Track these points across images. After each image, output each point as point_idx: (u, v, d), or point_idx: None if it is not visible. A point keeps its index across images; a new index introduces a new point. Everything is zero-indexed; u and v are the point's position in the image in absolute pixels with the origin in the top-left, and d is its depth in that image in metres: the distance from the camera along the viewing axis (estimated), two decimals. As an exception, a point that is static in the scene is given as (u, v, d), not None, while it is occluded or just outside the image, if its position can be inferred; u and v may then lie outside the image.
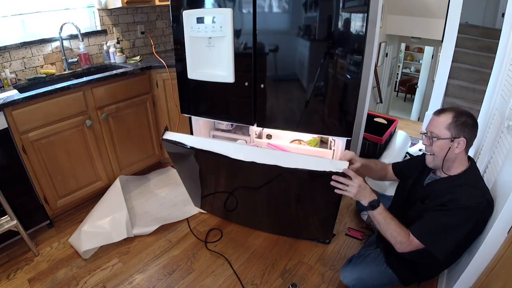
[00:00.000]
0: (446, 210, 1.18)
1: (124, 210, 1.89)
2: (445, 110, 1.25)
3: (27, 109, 1.68)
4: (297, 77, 1.65)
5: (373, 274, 1.42)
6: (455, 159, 1.25)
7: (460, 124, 1.20)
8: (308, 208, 1.61)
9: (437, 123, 1.25)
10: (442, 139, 1.23)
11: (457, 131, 1.20)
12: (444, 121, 1.22)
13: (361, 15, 1.39)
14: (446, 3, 3.20)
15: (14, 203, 1.66)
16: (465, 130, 1.20)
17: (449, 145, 1.22)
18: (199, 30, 1.65)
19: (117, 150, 2.21)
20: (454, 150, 1.22)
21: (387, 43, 4.79)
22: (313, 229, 1.74)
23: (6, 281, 1.60)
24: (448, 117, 1.22)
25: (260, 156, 1.36)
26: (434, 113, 1.29)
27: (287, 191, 1.54)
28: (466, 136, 1.20)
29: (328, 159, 1.31)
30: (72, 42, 2.29)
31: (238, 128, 2.16)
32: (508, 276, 1.00)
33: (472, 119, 1.22)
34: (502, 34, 1.96)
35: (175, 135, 1.56)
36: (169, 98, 2.34)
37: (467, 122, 1.20)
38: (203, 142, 1.49)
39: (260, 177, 1.49)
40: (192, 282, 1.61)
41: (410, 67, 8.74)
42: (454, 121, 1.21)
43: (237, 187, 1.67)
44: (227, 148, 1.42)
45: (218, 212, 2.00)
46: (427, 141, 1.29)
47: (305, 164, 1.28)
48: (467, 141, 1.21)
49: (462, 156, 1.25)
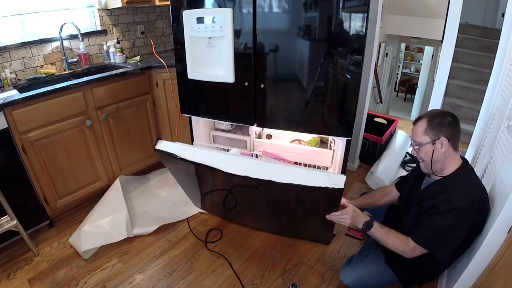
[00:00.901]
0: (439, 212, 1.20)
1: (124, 210, 1.89)
2: (420, 117, 1.30)
3: (27, 109, 1.68)
4: (297, 77, 1.65)
5: (373, 274, 1.42)
6: (445, 160, 1.26)
7: (436, 126, 1.23)
8: (308, 213, 1.59)
9: (415, 131, 1.30)
10: (424, 144, 1.26)
11: (434, 133, 1.24)
12: (420, 128, 1.27)
13: (361, 15, 1.39)
14: (446, 3, 3.19)
15: (14, 203, 1.66)
16: (443, 129, 1.22)
17: (432, 148, 1.25)
18: (199, 30, 1.65)
19: (117, 150, 2.21)
20: (439, 151, 1.24)
21: (387, 43, 4.79)
22: (313, 230, 1.74)
23: (6, 281, 1.60)
24: (423, 123, 1.26)
25: (253, 169, 1.32)
26: (413, 123, 1.33)
27: (285, 198, 1.51)
28: (446, 134, 1.22)
29: (324, 172, 1.26)
30: (72, 42, 2.29)
31: (238, 128, 2.16)
32: (508, 276, 1.00)
33: (448, 117, 1.24)
34: (502, 34, 1.96)
35: (167, 144, 1.52)
36: (169, 98, 2.34)
37: (442, 121, 1.23)
38: (195, 153, 1.45)
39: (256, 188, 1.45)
40: (192, 282, 1.61)
41: (410, 67, 8.74)
42: (429, 125, 1.24)
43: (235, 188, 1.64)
44: (220, 161, 1.38)
45: (218, 212, 2.00)
46: (414, 150, 1.33)
47: (301, 178, 1.23)
48: (448, 139, 1.22)
49: (451, 155, 1.26)
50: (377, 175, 2.30)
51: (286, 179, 1.23)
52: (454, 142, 1.25)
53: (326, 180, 1.19)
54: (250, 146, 2.02)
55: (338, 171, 1.82)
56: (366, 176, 2.47)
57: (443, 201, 1.20)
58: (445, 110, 1.29)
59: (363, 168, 2.62)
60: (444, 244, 1.20)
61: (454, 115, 1.25)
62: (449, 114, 1.25)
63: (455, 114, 1.27)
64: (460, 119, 1.28)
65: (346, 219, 1.32)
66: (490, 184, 1.37)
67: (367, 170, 2.55)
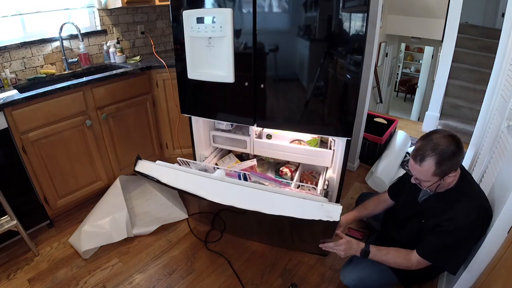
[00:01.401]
0: (445, 231, 1.19)
1: (124, 210, 1.89)
2: (424, 156, 1.15)
3: (27, 109, 1.68)
4: (297, 77, 1.65)
5: (373, 275, 1.42)
6: (450, 183, 1.23)
7: (446, 168, 1.14)
8: (301, 237, 1.54)
9: (421, 171, 1.18)
10: (432, 183, 1.20)
11: (445, 173, 1.16)
12: (428, 170, 1.16)
13: (361, 15, 1.39)
14: (446, 3, 3.20)
15: (14, 203, 1.66)
16: (453, 167, 1.15)
17: (439, 182, 1.20)
18: (199, 30, 1.65)
19: (117, 150, 2.21)
20: (446, 181, 1.19)
21: (387, 43, 4.79)
22: (309, 247, 1.71)
23: (6, 281, 1.60)
24: (430, 164, 1.14)
25: (240, 198, 1.21)
26: (414, 160, 1.18)
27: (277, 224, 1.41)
28: (455, 167, 1.16)
29: (318, 202, 1.15)
30: (72, 42, 2.29)
31: (238, 128, 2.16)
32: (508, 276, 1.00)
33: (455, 149, 1.13)
34: (502, 34, 1.96)
35: (148, 165, 1.44)
36: (169, 98, 2.34)
37: (452, 162, 1.14)
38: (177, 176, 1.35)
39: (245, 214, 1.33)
40: (192, 282, 1.61)
41: (410, 67, 8.74)
42: (437, 168, 1.14)
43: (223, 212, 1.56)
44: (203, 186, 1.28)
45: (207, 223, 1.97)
46: (415, 181, 1.26)
47: (292, 209, 1.12)
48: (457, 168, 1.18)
49: None
50: (377, 175, 2.30)
51: (277, 210, 1.13)
52: (460, 162, 1.20)
53: (320, 212, 1.09)
54: (250, 146, 2.02)
55: (338, 171, 1.82)
56: (366, 176, 2.47)
57: (448, 219, 1.18)
58: (446, 134, 1.16)
59: (363, 168, 2.62)
60: (452, 258, 1.21)
61: (455, 137, 1.15)
62: (455, 145, 1.14)
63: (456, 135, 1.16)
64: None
65: (340, 251, 1.32)
66: (490, 184, 1.37)
67: (367, 170, 2.55)
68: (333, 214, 1.09)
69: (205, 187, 1.31)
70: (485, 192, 1.27)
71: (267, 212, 1.15)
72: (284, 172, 2.06)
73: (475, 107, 3.17)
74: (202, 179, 1.38)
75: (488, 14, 4.72)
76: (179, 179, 1.37)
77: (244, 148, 2.06)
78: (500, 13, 4.49)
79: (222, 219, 1.67)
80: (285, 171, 2.07)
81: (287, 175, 2.05)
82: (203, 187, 1.31)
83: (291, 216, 1.12)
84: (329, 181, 1.89)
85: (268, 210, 1.15)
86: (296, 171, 2.09)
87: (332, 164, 1.88)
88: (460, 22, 2.95)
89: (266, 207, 1.16)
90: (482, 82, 3.35)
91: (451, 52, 3.07)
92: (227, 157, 2.23)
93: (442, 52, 3.19)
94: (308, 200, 1.17)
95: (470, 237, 1.18)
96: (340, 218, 1.09)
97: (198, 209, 1.68)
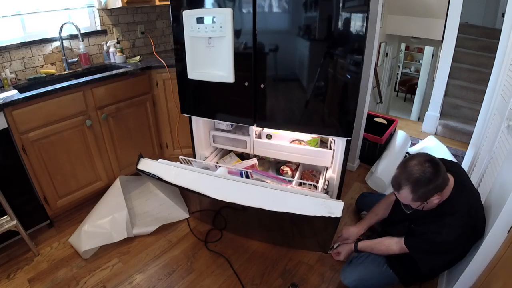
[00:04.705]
0: (431, 241, 1.24)
1: (124, 210, 1.89)
2: (401, 186, 1.17)
3: (27, 109, 1.68)
4: (297, 77, 1.65)
5: (374, 275, 1.42)
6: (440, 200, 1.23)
7: (423, 194, 1.16)
8: (303, 232, 1.55)
9: (401, 198, 1.23)
10: (416, 206, 1.22)
11: (425, 197, 1.17)
12: (406, 197, 1.19)
13: (361, 15, 1.39)
14: (446, 3, 3.20)
15: (14, 203, 1.66)
16: (432, 192, 1.16)
17: (424, 205, 1.21)
18: (199, 30, 1.65)
19: (117, 150, 2.21)
20: (432, 202, 1.20)
21: (387, 43, 4.79)
22: (310, 244, 1.71)
23: (6, 281, 1.60)
24: (407, 193, 1.17)
25: (242, 195, 1.22)
26: (393, 188, 1.23)
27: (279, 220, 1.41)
28: (436, 191, 1.16)
29: (320, 199, 1.16)
30: (72, 42, 2.29)
31: (238, 128, 2.16)
32: (508, 276, 1.00)
33: (430, 176, 1.13)
34: (502, 34, 1.96)
35: (150, 163, 1.45)
36: (169, 98, 2.34)
37: (429, 188, 1.14)
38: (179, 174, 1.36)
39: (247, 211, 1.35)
40: (192, 282, 1.61)
41: (410, 67, 8.74)
42: (414, 195, 1.17)
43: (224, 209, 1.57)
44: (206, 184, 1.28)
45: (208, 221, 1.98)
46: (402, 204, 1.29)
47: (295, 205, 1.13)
48: (441, 190, 1.18)
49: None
50: (377, 175, 2.30)
51: (279, 207, 1.14)
52: (445, 183, 1.19)
53: (322, 208, 1.10)
54: (250, 146, 2.02)
55: (338, 171, 1.82)
56: (366, 176, 2.47)
57: (434, 232, 1.23)
58: (422, 160, 1.16)
59: (363, 168, 2.62)
60: (429, 262, 1.28)
61: (433, 162, 1.14)
62: (428, 166, 1.13)
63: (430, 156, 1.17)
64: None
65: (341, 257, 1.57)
66: (490, 184, 1.37)
67: (367, 170, 2.55)
68: (335, 210, 1.11)
69: (208, 185, 1.32)
70: (485, 192, 1.28)
71: (270, 209, 1.16)
72: (285, 171, 2.07)
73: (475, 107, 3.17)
74: (204, 176, 1.38)
75: (488, 14, 4.72)
76: (182, 177, 1.37)
77: (244, 148, 2.06)
78: (500, 13, 4.49)
79: (223, 216, 1.66)
80: (286, 170, 2.07)
81: (288, 174, 2.05)
82: (205, 184, 1.32)
83: (293, 213, 1.13)
84: (329, 181, 1.89)
85: (271, 207, 1.17)
86: (296, 170, 2.09)
87: (332, 164, 1.88)
88: (460, 22, 2.95)
89: (269, 204, 1.17)
90: (482, 82, 3.35)
91: (451, 52, 3.07)
92: (228, 156, 2.24)
93: (442, 52, 3.19)
94: (310, 197, 1.18)
95: (452, 252, 1.23)
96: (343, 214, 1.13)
97: (199, 207, 1.68)
